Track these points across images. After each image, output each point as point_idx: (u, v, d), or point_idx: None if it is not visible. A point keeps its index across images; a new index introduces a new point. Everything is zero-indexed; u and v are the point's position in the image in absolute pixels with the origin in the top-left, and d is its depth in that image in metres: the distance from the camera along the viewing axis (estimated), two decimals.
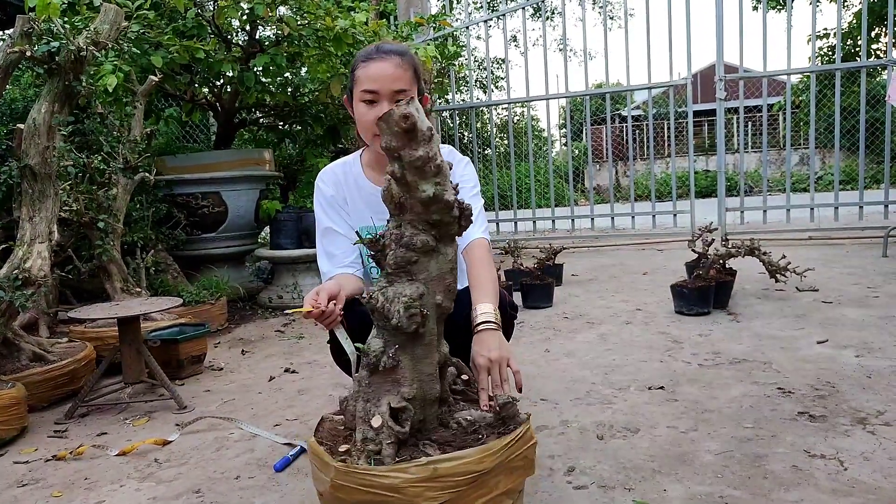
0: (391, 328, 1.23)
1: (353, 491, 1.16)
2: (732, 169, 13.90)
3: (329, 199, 1.77)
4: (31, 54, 2.39)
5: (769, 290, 3.76)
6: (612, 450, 1.80)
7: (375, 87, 1.58)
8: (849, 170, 11.83)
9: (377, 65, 1.59)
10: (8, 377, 2.39)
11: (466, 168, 1.77)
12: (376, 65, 1.59)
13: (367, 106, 1.61)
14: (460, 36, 7.20)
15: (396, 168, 1.18)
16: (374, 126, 1.59)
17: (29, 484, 1.87)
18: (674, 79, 6.21)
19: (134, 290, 3.31)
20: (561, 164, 14.00)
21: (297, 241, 4.38)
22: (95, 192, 3.29)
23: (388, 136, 1.15)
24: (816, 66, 6.13)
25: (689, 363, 2.55)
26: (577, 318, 3.48)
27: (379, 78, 1.58)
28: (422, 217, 1.21)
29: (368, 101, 1.60)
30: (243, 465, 1.89)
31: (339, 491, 1.18)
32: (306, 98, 4.85)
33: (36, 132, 2.47)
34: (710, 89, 6.49)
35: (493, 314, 1.47)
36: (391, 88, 1.58)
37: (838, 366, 2.39)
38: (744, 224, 6.14)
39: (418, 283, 1.24)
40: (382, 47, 1.64)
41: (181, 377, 2.85)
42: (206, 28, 4.09)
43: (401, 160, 1.16)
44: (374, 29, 4.33)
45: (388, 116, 1.13)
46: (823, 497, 1.47)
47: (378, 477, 1.15)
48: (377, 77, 1.58)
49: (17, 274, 2.35)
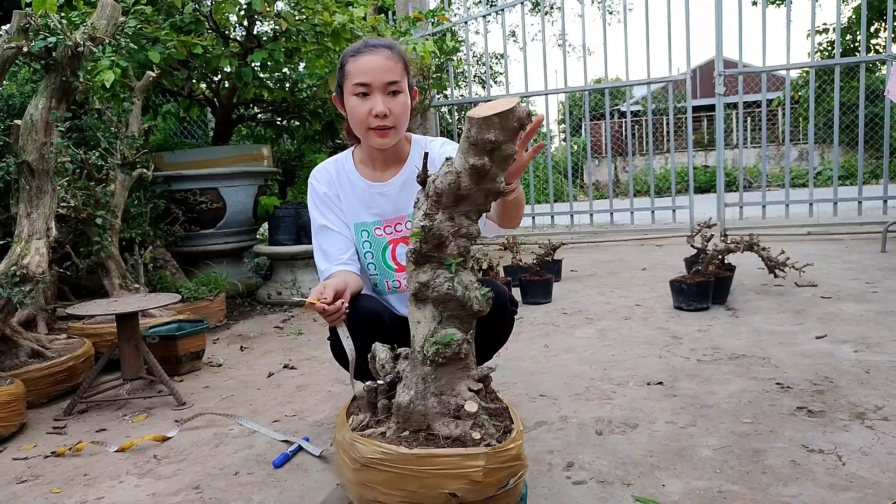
0: (468, 315, 1.27)
1: (498, 471, 1.21)
2: (731, 164, 13.90)
3: (322, 197, 1.78)
4: (27, 50, 2.38)
5: (768, 286, 3.76)
6: (610, 445, 1.80)
7: (368, 80, 1.58)
8: (848, 165, 11.84)
9: (368, 58, 1.59)
10: (6, 374, 2.39)
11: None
12: (367, 58, 1.59)
13: (359, 99, 1.61)
14: (459, 31, 7.18)
15: (487, 161, 1.19)
16: (367, 119, 1.61)
17: (28, 480, 1.87)
18: (673, 74, 6.20)
19: (132, 286, 3.31)
20: (560, 159, 13.98)
21: (296, 237, 4.37)
22: (93, 188, 3.28)
23: (497, 131, 1.15)
24: (816, 62, 6.10)
25: (688, 358, 2.55)
26: (577, 314, 3.48)
27: (371, 70, 1.58)
28: (478, 207, 1.25)
29: (361, 95, 1.60)
30: (242, 461, 1.89)
31: (490, 476, 1.20)
32: (304, 93, 4.84)
33: (33, 128, 2.46)
34: (709, 84, 6.49)
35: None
36: (383, 80, 1.59)
37: (837, 361, 2.39)
38: (743, 219, 6.13)
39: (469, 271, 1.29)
40: (370, 42, 1.65)
41: (180, 373, 2.84)
42: (204, 23, 4.07)
43: (494, 154, 1.19)
44: (373, 24, 4.32)
45: (511, 112, 1.14)
46: (822, 491, 1.47)
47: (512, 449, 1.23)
48: (369, 69, 1.58)
49: (15, 270, 2.35)
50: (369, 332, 1.59)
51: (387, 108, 1.59)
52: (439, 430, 1.25)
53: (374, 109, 1.59)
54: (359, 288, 1.69)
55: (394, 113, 1.61)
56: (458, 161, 1.24)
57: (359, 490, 1.28)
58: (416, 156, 1.74)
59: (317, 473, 1.76)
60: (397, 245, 1.76)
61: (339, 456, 1.37)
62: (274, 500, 1.63)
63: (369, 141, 1.67)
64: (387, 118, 1.60)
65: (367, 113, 1.60)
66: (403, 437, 1.26)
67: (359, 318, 1.59)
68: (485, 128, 1.16)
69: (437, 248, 1.25)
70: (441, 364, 1.26)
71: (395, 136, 1.66)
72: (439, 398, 1.26)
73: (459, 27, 7.22)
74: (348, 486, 1.35)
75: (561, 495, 1.55)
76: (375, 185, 1.76)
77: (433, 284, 1.25)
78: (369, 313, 1.61)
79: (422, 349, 1.26)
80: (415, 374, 1.28)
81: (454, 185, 1.22)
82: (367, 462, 1.23)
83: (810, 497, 1.45)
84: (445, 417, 1.25)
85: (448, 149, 1.75)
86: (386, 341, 1.53)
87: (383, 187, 1.75)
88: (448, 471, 1.18)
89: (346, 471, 1.32)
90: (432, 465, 1.18)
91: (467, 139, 1.20)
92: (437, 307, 1.26)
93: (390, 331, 1.63)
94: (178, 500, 1.68)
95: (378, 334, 1.59)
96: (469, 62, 8.01)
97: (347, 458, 1.30)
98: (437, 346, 1.25)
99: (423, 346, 1.26)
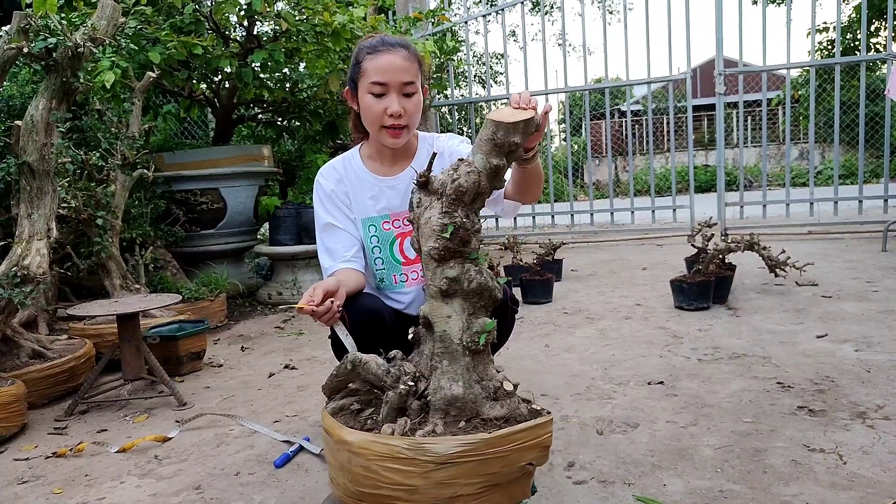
0: (492, 304, 1.36)
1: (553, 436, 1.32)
2: (732, 164, 13.88)
3: (329, 195, 1.78)
4: (28, 51, 2.38)
5: (769, 285, 3.76)
6: (611, 445, 1.80)
7: (385, 80, 1.60)
8: (848, 164, 11.82)
9: (386, 57, 1.61)
10: (8, 374, 2.39)
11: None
12: (385, 57, 1.61)
13: (374, 98, 1.63)
14: (459, 31, 7.18)
15: (506, 162, 1.33)
16: (382, 118, 1.63)
17: (29, 481, 1.87)
18: (673, 73, 6.20)
19: (133, 286, 3.31)
20: (560, 159, 13.98)
21: (297, 238, 4.37)
22: (94, 188, 3.29)
23: (521, 135, 1.30)
24: (816, 61, 6.10)
25: (689, 358, 2.55)
26: (577, 314, 3.48)
27: (389, 70, 1.60)
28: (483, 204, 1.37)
29: (377, 94, 1.62)
30: (243, 461, 1.89)
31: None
32: (305, 94, 4.83)
33: (34, 129, 2.46)
34: (709, 84, 6.48)
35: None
36: (400, 80, 1.61)
37: (838, 360, 2.39)
38: (743, 219, 6.12)
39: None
40: (387, 40, 1.66)
41: (181, 374, 2.85)
42: (204, 24, 4.07)
43: (511, 155, 1.33)
44: (373, 24, 4.32)
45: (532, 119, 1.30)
46: (823, 491, 1.47)
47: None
48: (387, 69, 1.60)
49: (15, 271, 2.35)
50: (370, 329, 1.59)
51: (402, 108, 1.62)
52: (487, 413, 1.30)
53: (389, 109, 1.62)
54: (359, 286, 1.70)
55: (408, 113, 1.64)
56: (478, 161, 1.32)
57: (435, 492, 1.24)
58: (424, 150, 1.78)
59: (318, 473, 1.76)
60: (405, 239, 1.77)
61: (392, 470, 1.24)
62: (275, 501, 1.63)
63: (381, 139, 1.69)
64: (401, 118, 1.63)
65: (382, 112, 1.62)
66: (460, 428, 1.28)
67: (359, 316, 1.60)
68: (511, 131, 1.29)
69: (463, 244, 1.31)
70: (477, 352, 1.33)
71: (407, 136, 1.70)
72: (481, 384, 1.32)
73: (459, 27, 7.22)
74: (417, 494, 1.24)
75: (562, 495, 1.55)
76: (385, 179, 1.77)
77: (465, 278, 1.31)
78: (370, 311, 1.62)
79: (461, 341, 1.31)
80: (457, 366, 1.32)
81: (476, 184, 1.30)
82: (446, 460, 1.21)
83: (811, 496, 1.45)
84: (490, 401, 1.32)
85: (456, 144, 1.79)
86: (387, 339, 1.54)
87: (393, 181, 1.77)
88: (527, 443, 1.26)
89: (413, 479, 1.23)
90: (514, 442, 1.25)
91: (492, 141, 1.30)
92: (468, 300, 1.33)
93: (391, 329, 1.64)
94: (179, 500, 1.68)
95: (379, 332, 1.60)
96: (469, 62, 8.01)
97: (414, 466, 1.22)
98: (485, 335, 1.31)
99: (462, 338, 1.31)
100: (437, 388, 1.31)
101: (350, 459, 1.27)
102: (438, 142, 1.81)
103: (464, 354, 1.32)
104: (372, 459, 1.25)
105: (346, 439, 1.29)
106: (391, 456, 1.23)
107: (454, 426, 1.28)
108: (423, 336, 1.38)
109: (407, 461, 1.23)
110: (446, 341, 1.31)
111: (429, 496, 1.24)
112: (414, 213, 1.36)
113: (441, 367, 1.32)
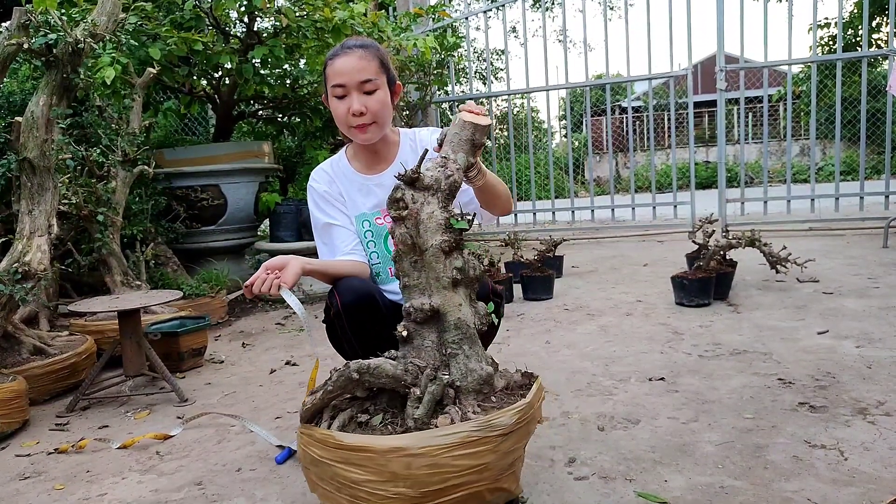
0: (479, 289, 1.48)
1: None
2: (733, 160, 13.87)
3: (323, 195, 1.83)
4: (28, 47, 2.37)
5: (770, 282, 3.75)
6: (612, 441, 1.80)
7: (343, 81, 1.66)
8: (849, 160, 11.80)
9: (341, 60, 1.67)
10: (9, 371, 2.39)
11: None
12: (341, 60, 1.67)
13: (338, 100, 1.69)
14: (460, 27, 7.16)
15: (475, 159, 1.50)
16: (347, 118, 1.70)
17: (31, 477, 1.87)
18: (674, 69, 6.18)
19: (134, 283, 3.31)
20: (561, 155, 13.96)
21: (297, 234, 4.37)
22: (94, 185, 3.28)
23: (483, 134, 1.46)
24: (817, 56, 6.09)
25: (690, 354, 2.55)
26: (578, 310, 3.48)
27: (344, 72, 1.66)
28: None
29: (339, 96, 1.68)
30: (244, 457, 1.90)
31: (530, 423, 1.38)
32: (305, 90, 4.83)
33: (34, 125, 2.46)
34: (710, 80, 6.46)
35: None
36: (357, 80, 1.66)
37: (839, 356, 2.39)
38: (744, 215, 6.12)
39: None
40: (347, 43, 1.73)
41: (182, 370, 2.85)
42: (204, 19, 4.06)
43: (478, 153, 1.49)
44: (373, 20, 4.31)
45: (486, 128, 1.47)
46: (824, 487, 1.47)
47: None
48: (342, 71, 1.66)
49: (16, 267, 2.35)
50: (363, 312, 1.63)
51: (363, 105, 1.66)
52: (497, 385, 1.43)
53: (351, 108, 1.67)
54: (356, 272, 1.73)
55: (371, 110, 1.67)
56: (461, 159, 1.44)
57: (502, 463, 1.31)
58: (406, 146, 1.82)
59: None
60: None
61: (463, 456, 1.25)
62: (276, 497, 1.64)
63: (353, 138, 1.75)
64: (364, 115, 1.67)
65: (346, 112, 1.68)
66: (492, 403, 1.38)
67: (351, 298, 1.63)
68: (483, 133, 1.46)
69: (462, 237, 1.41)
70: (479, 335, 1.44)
71: (378, 131, 1.72)
72: (489, 361, 1.43)
73: (460, 23, 7.21)
74: (487, 471, 1.28)
75: (563, 491, 1.55)
76: (372, 178, 1.82)
77: (469, 266, 1.40)
78: (362, 294, 1.65)
79: (474, 325, 1.41)
80: (477, 348, 1.41)
81: (462, 180, 1.44)
82: (510, 429, 1.30)
83: (812, 492, 1.45)
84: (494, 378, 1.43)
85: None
86: (380, 322, 1.62)
87: (379, 178, 1.81)
88: (541, 401, 1.46)
89: (485, 457, 1.26)
90: (538, 401, 1.43)
91: (471, 141, 1.45)
92: (470, 287, 1.43)
93: (384, 312, 1.67)
94: (180, 496, 1.69)
95: (372, 314, 1.63)
96: (470, 58, 8.00)
97: (485, 445, 1.26)
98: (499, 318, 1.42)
99: (474, 322, 1.41)
100: (466, 371, 1.38)
101: (409, 464, 1.23)
102: (421, 135, 1.85)
103: (476, 339, 1.42)
104: (438, 454, 1.24)
105: (400, 445, 1.24)
106: (461, 443, 1.25)
107: (487, 402, 1.38)
108: (415, 331, 1.39)
109: (478, 442, 1.26)
110: (462, 328, 1.39)
111: (497, 469, 1.31)
112: (410, 208, 1.37)
113: (463, 352, 1.39)
